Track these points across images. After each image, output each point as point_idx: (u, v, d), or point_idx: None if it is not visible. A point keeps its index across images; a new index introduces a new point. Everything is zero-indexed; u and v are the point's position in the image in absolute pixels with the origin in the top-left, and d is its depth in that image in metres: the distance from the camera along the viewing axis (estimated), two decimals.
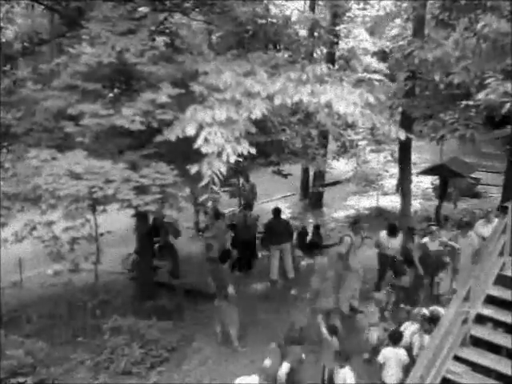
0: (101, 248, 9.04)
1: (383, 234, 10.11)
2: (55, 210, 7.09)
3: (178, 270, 11.32)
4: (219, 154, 5.98)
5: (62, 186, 6.49)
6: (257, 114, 6.16)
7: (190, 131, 6.10)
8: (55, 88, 7.76)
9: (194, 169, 6.17)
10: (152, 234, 10.73)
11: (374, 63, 17.12)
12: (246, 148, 6.18)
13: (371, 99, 6.58)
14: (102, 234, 8.90)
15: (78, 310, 9.75)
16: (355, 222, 10.75)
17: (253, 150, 6.28)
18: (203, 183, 6.09)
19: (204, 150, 5.99)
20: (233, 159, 6.02)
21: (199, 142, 6.03)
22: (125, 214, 8.56)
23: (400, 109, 11.92)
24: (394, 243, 9.93)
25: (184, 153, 7.24)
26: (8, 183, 7.28)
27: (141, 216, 9.03)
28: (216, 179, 5.99)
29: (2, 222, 7.31)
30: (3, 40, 10.88)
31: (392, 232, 9.95)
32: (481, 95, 7.58)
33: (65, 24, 10.18)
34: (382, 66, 16.85)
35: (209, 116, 6.11)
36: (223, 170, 5.99)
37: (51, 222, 7.80)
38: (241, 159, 6.27)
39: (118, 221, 10.71)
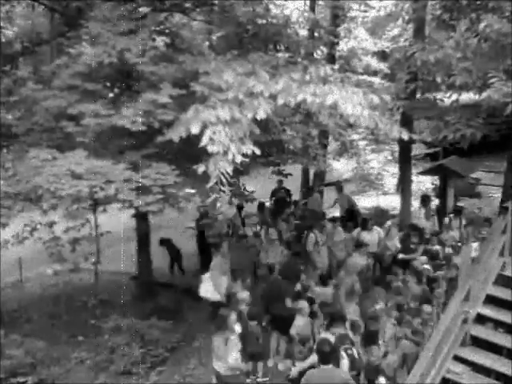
0: (101, 248, 9.05)
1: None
2: (56, 210, 7.10)
3: None
4: (224, 154, 5.96)
5: (63, 185, 6.49)
6: (261, 114, 6.14)
7: (195, 130, 6.06)
8: (55, 88, 7.76)
9: (200, 169, 6.13)
10: None
11: (374, 63, 17.08)
12: (250, 148, 6.17)
13: (376, 100, 6.56)
14: (102, 234, 8.91)
15: (78, 309, 9.76)
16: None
17: (257, 150, 6.27)
18: (211, 184, 6.06)
19: (210, 149, 5.95)
20: (239, 159, 6.01)
21: (204, 140, 5.99)
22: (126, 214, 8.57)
23: (400, 109, 11.91)
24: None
25: (186, 153, 7.24)
26: (8, 183, 7.28)
27: (141, 216, 9.03)
28: (223, 179, 5.97)
29: (2, 222, 7.31)
30: (3, 40, 10.87)
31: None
32: (483, 95, 7.57)
33: (65, 24, 10.16)
34: (383, 66, 16.82)
35: (213, 115, 6.08)
36: (229, 169, 5.97)
37: (52, 222, 7.80)
38: (247, 159, 6.24)
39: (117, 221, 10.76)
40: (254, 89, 6.33)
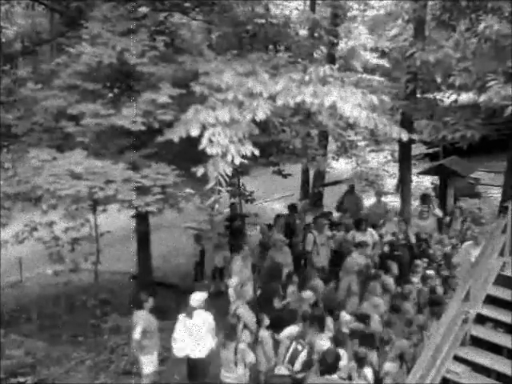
0: (101, 248, 9.06)
1: None
2: (55, 210, 7.10)
3: None
4: (224, 155, 5.95)
5: (63, 186, 6.47)
6: (260, 115, 6.14)
7: (194, 132, 6.06)
8: (55, 88, 7.75)
9: (199, 171, 6.10)
10: None
11: (373, 59, 17.02)
12: (249, 149, 6.16)
13: (375, 100, 6.55)
14: (102, 234, 8.91)
15: (78, 309, 9.76)
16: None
17: (256, 152, 6.26)
18: (210, 185, 6.04)
19: (209, 151, 5.95)
20: (238, 160, 5.99)
21: (204, 143, 5.99)
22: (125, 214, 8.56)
23: (400, 110, 11.91)
24: None
25: (185, 153, 7.24)
26: (8, 183, 7.28)
27: (141, 216, 9.03)
28: (222, 181, 5.97)
29: (2, 222, 7.31)
30: (3, 40, 10.87)
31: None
32: (482, 98, 7.57)
33: (65, 24, 10.17)
34: (382, 62, 16.75)
35: (212, 116, 6.07)
36: (228, 171, 5.97)
37: (52, 222, 7.80)
38: (245, 160, 6.23)
39: (117, 220, 10.78)
40: (253, 89, 6.32)
